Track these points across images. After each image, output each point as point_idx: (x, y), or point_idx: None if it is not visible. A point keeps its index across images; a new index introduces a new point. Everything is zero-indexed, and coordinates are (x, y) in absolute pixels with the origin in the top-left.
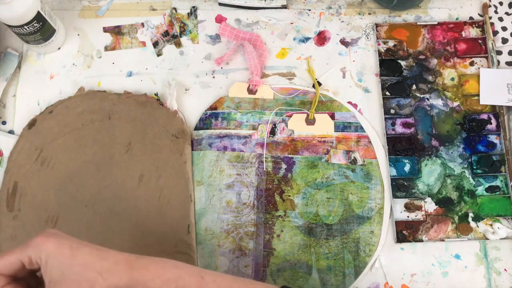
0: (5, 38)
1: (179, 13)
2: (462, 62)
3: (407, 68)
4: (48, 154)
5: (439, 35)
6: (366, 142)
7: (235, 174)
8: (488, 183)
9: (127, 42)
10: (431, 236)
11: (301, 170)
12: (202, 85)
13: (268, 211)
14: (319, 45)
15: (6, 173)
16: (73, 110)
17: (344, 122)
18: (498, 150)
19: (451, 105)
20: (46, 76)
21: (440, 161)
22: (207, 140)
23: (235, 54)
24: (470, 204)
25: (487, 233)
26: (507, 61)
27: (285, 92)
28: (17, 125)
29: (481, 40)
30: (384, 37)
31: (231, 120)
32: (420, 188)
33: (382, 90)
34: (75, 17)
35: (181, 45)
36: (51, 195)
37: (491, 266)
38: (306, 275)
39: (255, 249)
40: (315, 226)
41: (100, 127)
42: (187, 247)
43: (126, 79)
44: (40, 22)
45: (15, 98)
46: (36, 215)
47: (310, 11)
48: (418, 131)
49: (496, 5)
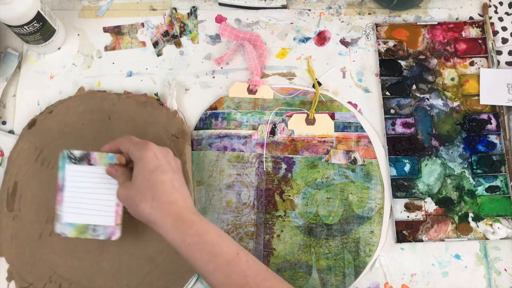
0: (5, 38)
1: (179, 13)
2: (462, 62)
3: (407, 68)
4: (48, 154)
5: (439, 35)
6: (366, 142)
7: (235, 174)
8: (488, 183)
9: (127, 42)
10: (431, 236)
11: (301, 170)
12: (202, 85)
13: (268, 211)
14: (319, 45)
15: (6, 173)
16: (73, 110)
17: (344, 122)
18: (498, 150)
19: (451, 105)
20: (46, 76)
21: (440, 161)
22: (207, 140)
23: (235, 54)
24: (470, 204)
25: (487, 233)
26: (507, 61)
27: (285, 92)
28: (17, 125)
29: (481, 40)
30: (384, 37)
31: (231, 120)
32: (420, 188)
33: (382, 90)
34: (75, 17)
35: (181, 45)
36: (51, 195)
37: (491, 266)
38: (306, 275)
39: (255, 249)
40: (315, 226)
41: (100, 127)
42: None
43: (126, 79)
44: (40, 22)
45: (15, 98)
46: (36, 215)
47: (310, 11)
48: (418, 131)
49: (496, 5)
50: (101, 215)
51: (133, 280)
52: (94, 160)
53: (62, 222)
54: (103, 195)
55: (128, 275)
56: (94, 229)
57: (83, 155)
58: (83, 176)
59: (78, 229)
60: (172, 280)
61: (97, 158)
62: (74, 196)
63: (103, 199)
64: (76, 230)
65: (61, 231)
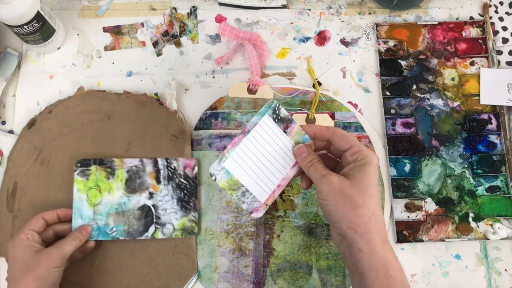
0: (5, 38)
1: (179, 13)
2: (463, 62)
3: (407, 68)
4: (48, 154)
5: (440, 35)
6: (366, 142)
7: None
8: (488, 183)
9: (127, 42)
10: (432, 236)
11: None
12: (202, 85)
13: (268, 211)
14: (319, 45)
15: (6, 173)
16: (73, 110)
17: (344, 122)
18: (498, 150)
19: (451, 105)
20: (46, 76)
21: (440, 161)
22: (207, 140)
23: (235, 54)
24: (470, 204)
25: (487, 233)
26: (507, 61)
27: (285, 92)
28: (17, 125)
29: (481, 40)
30: (384, 37)
31: (231, 120)
32: (420, 188)
33: (382, 90)
34: (75, 17)
35: (181, 45)
36: (51, 195)
37: (491, 266)
38: (306, 275)
39: (255, 249)
40: (315, 226)
41: (100, 127)
42: (187, 247)
43: (126, 79)
44: (39, 22)
45: (15, 98)
46: (36, 215)
47: (310, 11)
48: (418, 131)
49: (497, 5)
50: (258, 186)
51: (133, 280)
52: (291, 130)
53: (222, 164)
54: (273, 168)
55: (128, 275)
56: (243, 194)
57: (286, 119)
58: (271, 137)
59: (231, 182)
60: (172, 280)
61: (294, 131)
62: (250, 149)
63: (270, 172)
64: (228, 182)
65: (214, 172)
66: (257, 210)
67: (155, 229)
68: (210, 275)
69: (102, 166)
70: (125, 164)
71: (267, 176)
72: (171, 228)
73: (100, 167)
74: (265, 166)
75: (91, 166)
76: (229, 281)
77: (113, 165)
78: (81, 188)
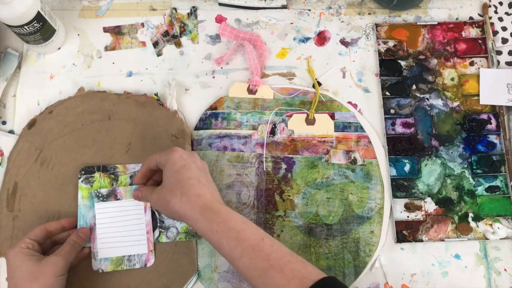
0: (5, 38)
1: (179, 13)
2: (462, 62)
3: (407, 68)
4: (48, 154)
5: (439, 35)
6: (366, 142)
7: (235, 174)
8: (488, 183)
9: (127, 42)
10: (431, 236)
11: (301, 170)
12: (202, 85)
13: (268, 211)
14: (319, 45)
15: (6, 173)
16: (73, 110)
17: (344, 122)
18: (498, 150)
19: (451, 105)
20: (46, 76)
21: (440, 161)
22: (207, 140)
23: (235, 54)
24: (470, 204)
25: (487, 233)
26: (507, 61)
27: (285, 92)
28: (17, 125)
29: (481, 40)
30: (384, 37)
31: (231, 120)
32: (420, 188)
33: (382, 90)
34: (75, 17)
35: (181, 45)
36: (51, 195)
37: (491, 266)
38: None
39: None
40: (315, 226)
41: (100, 127)
42: (187, 247)
43: (126, 79)
44: (40, 22)
45: (15, 98)
46: (36, 215)
47: (310, 11)
48: (418, 131)
49: (496, 5)
50: (134, 245)
51: (133, 280)
52: (120, 194)
53: (98, 258)
54: (133, 225)
55: (128, 275)
56: (129, 259)
57: (110, 192)
58: (112, 211)
59: (114, 262)
60: (172, 280)
61: (122, 192)
62: (106, 231)
63: (133, 229)
64: (112, 264)
65: (98, 267)
66: (148, 260)
67: (159, 233)
68: (210, 275)
69: (105, 173)
70: (128, 170)
71: (134, 234)
72: (175, 232)
73: (103, 174)
74: (127, 230)
75: (95, 173)
76: (229, 281)
77: (116, 171)
78: (85, 195)
